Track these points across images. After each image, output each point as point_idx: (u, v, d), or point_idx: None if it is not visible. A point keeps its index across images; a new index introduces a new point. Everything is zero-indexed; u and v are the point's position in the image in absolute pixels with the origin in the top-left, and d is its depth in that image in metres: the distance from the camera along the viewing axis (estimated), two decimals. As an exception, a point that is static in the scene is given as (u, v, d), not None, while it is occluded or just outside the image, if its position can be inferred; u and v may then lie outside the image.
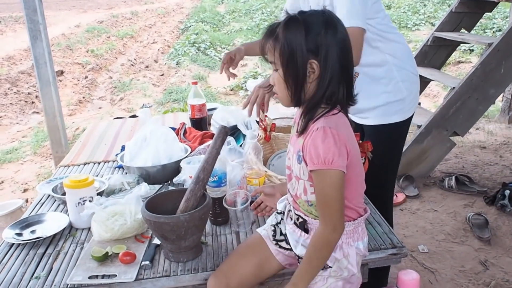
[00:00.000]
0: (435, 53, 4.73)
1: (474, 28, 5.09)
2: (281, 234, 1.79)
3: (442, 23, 4.70)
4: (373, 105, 2.37)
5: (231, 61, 2.52)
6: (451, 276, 2.96)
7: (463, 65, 8.54)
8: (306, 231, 1.67)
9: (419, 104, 5.15)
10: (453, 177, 4.07)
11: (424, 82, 4.64)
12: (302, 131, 1.54)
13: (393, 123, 2.38)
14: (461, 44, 5.62)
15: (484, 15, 5.00)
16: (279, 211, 1.87)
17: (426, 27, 13.06)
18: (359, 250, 1.65)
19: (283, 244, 1.77)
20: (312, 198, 1.61)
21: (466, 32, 4.78)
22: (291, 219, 1.73)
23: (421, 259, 3.14)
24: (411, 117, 2.46)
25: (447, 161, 4.58)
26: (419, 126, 4.16)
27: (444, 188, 4.07)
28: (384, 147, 2.38)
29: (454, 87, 4.03)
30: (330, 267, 1.62)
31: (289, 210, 1.75)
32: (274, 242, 1.79)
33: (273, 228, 1.82)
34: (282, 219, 1.82)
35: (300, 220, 1.68)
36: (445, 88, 6.81)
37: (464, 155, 4.79)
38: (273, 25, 1.55)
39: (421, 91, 5.10)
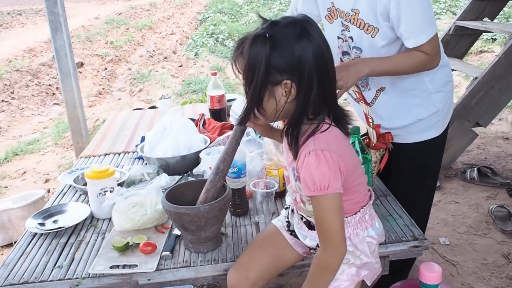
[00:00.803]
0: (457, 43, 4.66)
1: (497, 16, 4.99)
2: (293, 227, 1.79)
3: (464, 11, 4.63)
4: (402, 124, 2.21)
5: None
6: (473, 269, 2.93)
7: (485, 54, 8.41)
8: (313, 228, 1.67)
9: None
10: (475, 169, 4.02)
11: (446, 72, 4.58)
12: (296, 147, 1.49)
13: (428, 140, 2.24)
14: (484, 33, 5.53)
15: (508, 3, 4.90)
16: (286, 206, 1.88)
17: (447, 16, 12.88)
18: (372, 237, 1.63)
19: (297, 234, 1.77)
20: (310, 208, 1.59)
21: (489, 20, 4.70)
22: (299, 218, 1.73)
23: (442, 252, 3.11)
24: (447, 129, 2.30)
25: (469, 152, 4.53)
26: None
27: (466, 180, 4.03)
28: (420, 164, 2.26)
29: (476, 77, 3.97)
30: None
31: (292, 209, 1.76)
32: (289, 232, 1.80)
33: (286, 219, 1.82)
34: (292, 211, 1.81)
35: (304, 219, 1.69)
36: (467, 78, 6.72)
37: (486, 146, 4.73)
38: (242, 39, 1.44)
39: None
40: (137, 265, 1.72)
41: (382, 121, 2.16)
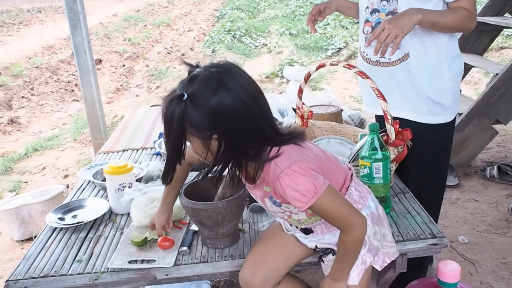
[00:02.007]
0: (477, 39, 4.60)
1: (518, 12, 4.93)
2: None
3: (485, 7, 4.57)
4: (412, 96, 2.23)
5: (319, 13, 2.44)
6: (492, 268, 2.90)
7: (506, 50, 8.30)
8: (310, 231, 1.69)
9: (460, 91, 5.04)
10: (495, 166, 3.98)
11: (466, 68, 4.51)
12: (255, 181, 1.53)
13: (435, 124, 2.24)
14: (505, 29, 5.45)
15: (529, -1, 4.83)
16: None
17: (467, 13, 12.75)
18: (366, 216, 1.61)
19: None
20: (302, 216, 1.61)
21: (510, 16, 4.63)
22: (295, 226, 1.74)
23: (461, 250, 3.08)
24: (454, 120, 2.32)
25: (488, 150, 4.48)
26: (459, 114, 4.07)
27: (486, 178, 3.98)
28: (425, 148, 2.24)
29: (497, 74, 3.92)
30: None
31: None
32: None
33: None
34: None
35: (300, 228, 1.71)
36: (487, 74, 6.65)
37: (507, 144, 4.67)
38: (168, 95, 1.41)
39: (462, 78, 4.99)
40: (155, 260, 1.74)
41: (397, 87, 2.22)
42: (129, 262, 1.74)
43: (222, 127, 1.38)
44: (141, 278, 1.72)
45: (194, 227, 1.92)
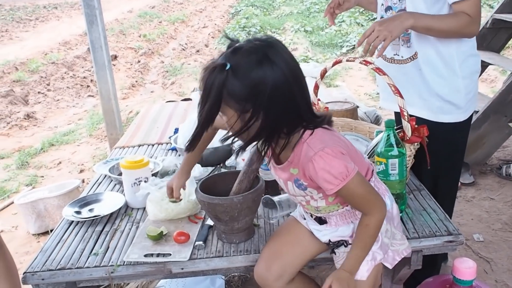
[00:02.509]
0: (494, 36, 4.55)
1: (537, 10, 4.87)
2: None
3: (502, 4, 4.52)
4: (424, 94, 2.21)
5: (338, 6, 2.40)
6: (507, 267, 2.88)
7: (523, 49, 8.23)
8: (324, 221, 1.69)
9: (476, 89, 5.00)
10: (511, 165, 3.95)
11: (483, 66, 4.48)
12: (282, 162, 1.53)
13: (447, 123, 2.22)
14: (522, 27, 5.40)
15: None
16: None
17: (484, 9, 12.58)
18: (386, 205, 1.61)
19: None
20: (321, 204, 1.62)
21: (528, 14, 4.59)
22: (310, 216, 1.75)
23: (476, 248, 3.06)
24: (470, 118, 2.29)
25: (505, 148, 4.44)
26: (476, 112, 4.04)
27: (502, 176, 3.95)
28: (439, 147, 2.21)
29: (513, 72, 3.89)
30: (350, 243, 1.65)
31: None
32: (306, 221, 1.81)
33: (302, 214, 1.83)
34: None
35: (314, 216, 1.71)
36: (503, 72, 6.58)
37: (523, 142, 4.63)
38: (205, 65, 1.42)
39: (479, 76, 4.95)
40: (170, 254, 1.75)
41: (410, 85, 2.21)
42: (145, 255, 1.76)
43: (261, 101, 1.37)
44: (156, 271, 1.73)
45: (209, 222, 1.93)
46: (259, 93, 1.36)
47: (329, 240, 1.70)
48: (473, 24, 2.04)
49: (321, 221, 1.70)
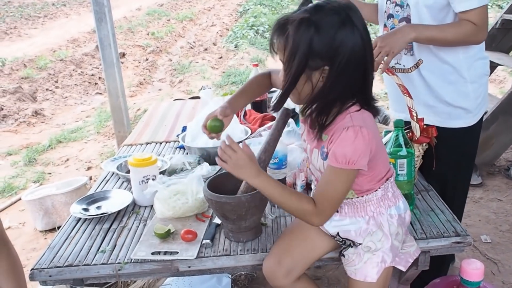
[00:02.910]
0: (504, 37, 4.53)
1: (546, 10, 4.84)
2: None
3: (512, 5, 4.51)
4: (432, 101, 2.20)
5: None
6: (515, 268, 2.88)
7: (532, 50, 8.17)
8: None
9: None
10: (519, 166, 3.93)
11: (491, 67, 4.45)
12: (321, 129, 1.51)
13: (457, 129, 2.22)
14: (531, 28, 5.37)
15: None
16: None
17: (493, 10, 12.54)
18: (393, 215, 1.64)
19: None
20: None
21: (537, 15, 4.56)
22: None
23: (483, 249, 3.05)
24: (481, 121, 2.28)
25: (513, 149, 4.43)
26: (485, 113, 4.01)
27: (510, 177, 3.93)
28: (449, 153, 2.22)
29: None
30: (360, 243, 1.65)
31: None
32: None
33: None
34: None
35: None
36: (512, 73, 6.57)
37: (531, 144, 4.60)
38: (282, 20, 1.46)
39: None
40: (178, 252, 1.75)
41: (413, 94, 2.13)
42: (152, 253, 1.76)
43: (338, 61, 1.39)
44: (163, 269, 1.74)
45: (217, 220, 1.93)
46: (338, 54, 1.38)
47: (338, 233, 1.69)
48: (479, 32, 2.03)
49: None
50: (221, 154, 1.59)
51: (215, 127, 1.80)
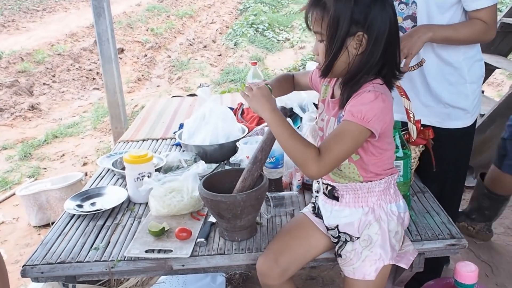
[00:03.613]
0: (502, 40, 4.53)
1: (546, 14, 4.84)
2: (319, 211, 1.80)
3: (511, 8, 4.51)
4: (432, 101, 2.22)
5: None
6: (509, 271, 2.87)
7: (530, 53, 8.18)
8: (336, 198, 1.69)
9: (483, 92, 4.97)
10: (516, 169, 3.92)
11: (489, 69, 4.46)
12: (347, 97, 1.55)
13: (455, 129, 2.24)
14: (530, 31, 5.38)
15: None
16: (314, 192, 1.88)
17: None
18: (393, 212, 1.65)
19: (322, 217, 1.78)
20: (343, 162, 1.62)
21: (536, 18, 4.56)
22: (323, 192, 1.75)
23: (478, 252, 3.05)
24: (475, 123, 2.30)
25: (509, 152, 4.42)
26: (482, 115, 4.02)
27: (506, 180, 3.93)
28: (445, 153, 2.22)
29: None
30: (357, 237, 1.65)
31: (318, 183, 1.78)
32: (315, 214, 1.81)
33: (312, 204, 1.85)
34: (317, 196, 1.83)
35: (329, 188, 1.71)
36: (510, 76, 6.56)
37: (528, 147, 4.60)
38: None
39: (485, 79, 4.91)
40: (172, 250, 1.74)
41: (414, 94, 2.20)
42: (146, 251, 1.75)
43: (373, 30, 1.47)
44: (157, 267, 1.73)
45: (212, 219, 1.93)
46: (374, 24, 1.47)
47: (337, 226, 1.69)
48: (490, 31, 2.07)
49: (334, 196, 1.70)
50: (247, 90, 1.67)
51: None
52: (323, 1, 1.50)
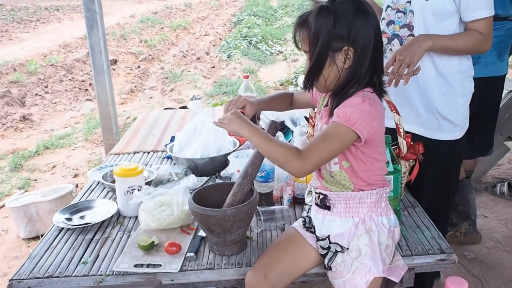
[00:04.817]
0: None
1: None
2: (310, 223, 1.80)
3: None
4: (422, 113, 2.23)
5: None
6: (499, 285, 2.88)
7: (521, 68, 8.25)
8: (328, 208, 1.70)
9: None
10: (506, 183, 3.94)
11: (480, 84, 4.49)
12: (337, 105, 1.60)
13: (444, 141, 2.24)
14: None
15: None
16: (307, 205, 1.88)
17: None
18: (384, 225, 1.67)
19: (313, 230, 1.78)
20: (334, 168, 1.66)
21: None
22: (315, 203, 1.76)
23: (468, 266, 3.05)
24: (464, 137, 2.30)
25: (499, 166, 4.44)
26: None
27: (496, 194, 3.95)
28: (433, 164, 2.21)
29: (511, 91, 3.89)
30: (347, 248, 1.65)
31: (311, 191, 1.80)
32: (305, 229, 1.81)
33: (303, 218, 1.85)
34: (309, 209, 1.83)
35: (321, 197, 1.72)
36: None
37: (518, 161, 4.64)
38: (303, 14, 1.61)
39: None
40: (161, 265, 1.73)
41: (406, 102, 2.22)
42: (135, 266, 1.74)
43: (359, 42, 1.53)
44: (146, 282, 1.71)
45: (201, 233, 1.92)
46: (358, 36, 1.53)
47: (329, 236, 1.69)
48: (486, 42, 2.11)
49: (326, 206, 1.71)
50: (220, 120, 1.77)
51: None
52: (306, 21, 1.58)
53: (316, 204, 1.76)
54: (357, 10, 1.53)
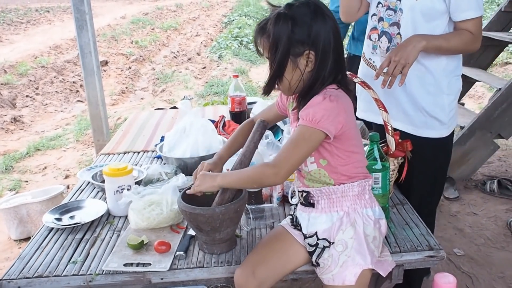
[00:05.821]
0: (482, 53, 4.60)
1: (524, 28, 4.93)
2: (297, 221, 1.81)
3: (491, 22, 4.57)
4: (409, 110, 2.23)
5: None
6: (489, 282, 2.89)
7: (510, 66, 8.29)
8: (312, 205, 1.72)
9: (463, 105, 5.03)
10: (495, 181, 3.97)
11: (469, 82, 4.53)
12: (302, 107, 1.63)
13: (431, 138, 2.25)
14: (509, 45, 5.46)
15: (535, 15, 4.82)
16: (293, 204, 1.88)
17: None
18: (369, 217, 1.69)
19: (299, 228, 1.79)
20: (312, 168, 1.68)
21: (515, 32, 4.63)
22: (300, 202, 1.78)
23: (458, 263, 3.07)
24: (452, 135, 2.33)
25: (489, 164, 4.47)
26: (462, 127, 4.07)
27: (486, 192, 3.97)
28: (421, 165, 2.23)
29: (500, 89, 3.92)
30: (332, 242, 1.67)
31: (294, 191, 1.80)
32: (293, 227, 1.82)
33: (290, 216, 1.86)
34: (295, 208, 1.84)
35: (304, 194, 1.74)
36: (490, 89, 6.64)
37: (508, 159, 4.66)
38: (262, 22, 1.62)
39: (466, 92, 4.97)
40: (150, 264, 1.74)
41: (394, 100, 2.23)
42: (125, 265, 1.74)
43: (319, 45, 1.56)
44: (136, 281, 1.72)
45: (191, 232, 1.92)
46: (318, 39, 1.56)
47: (316, 233, 1.70)
48: (476, 41, 2.13)
49: (310, 203, 1.72)
50: (193, 186, 1.77)
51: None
52: (265, 28, 1.59)
53: (301, 203, 1.77)
54: (315, 13, 1.56)
